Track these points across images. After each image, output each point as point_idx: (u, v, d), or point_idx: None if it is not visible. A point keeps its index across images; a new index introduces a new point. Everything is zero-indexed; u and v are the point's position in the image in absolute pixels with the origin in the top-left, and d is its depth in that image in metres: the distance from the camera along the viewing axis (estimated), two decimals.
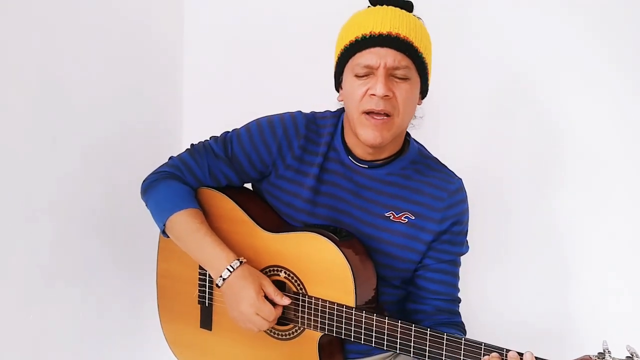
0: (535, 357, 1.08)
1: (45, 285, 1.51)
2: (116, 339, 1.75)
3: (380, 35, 1.20)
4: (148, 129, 1.86)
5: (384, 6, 1.26)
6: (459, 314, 1.38)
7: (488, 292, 1.77)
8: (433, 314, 1.34)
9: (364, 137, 1.26)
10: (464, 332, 1.36)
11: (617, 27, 1.60)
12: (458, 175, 1.38)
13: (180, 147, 1.45)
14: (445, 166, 1.40)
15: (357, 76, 1.24)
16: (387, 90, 1.21)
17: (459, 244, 1.37)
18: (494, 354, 1.10)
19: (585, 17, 1.63)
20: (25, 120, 1.43)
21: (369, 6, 1.29)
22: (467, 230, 1.39)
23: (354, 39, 1.23)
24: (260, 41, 1.92)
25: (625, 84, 1.61)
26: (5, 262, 1.41)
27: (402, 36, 1.21)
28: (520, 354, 1.09)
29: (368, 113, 1.24)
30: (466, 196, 1.37)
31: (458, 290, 1.39)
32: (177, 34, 2.00)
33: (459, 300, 1.39)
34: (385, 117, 1.24)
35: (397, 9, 1.25)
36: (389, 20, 1.22)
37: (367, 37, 1.21)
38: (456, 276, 1.38)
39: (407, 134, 1.38)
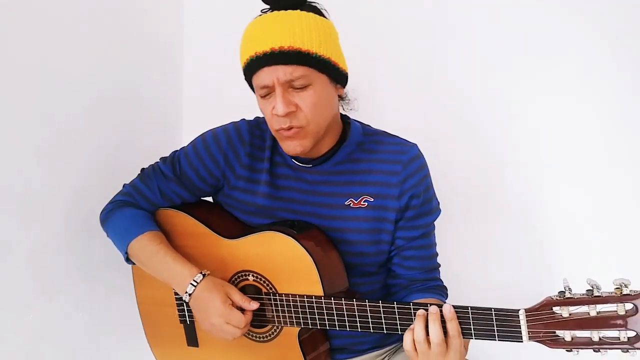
0: (454, 306, 1.09)
1: (43, 287, 1.51)
2: (115, 340, 1.75)
3: (265, 54, 1.17)
4: (148, 129, 1.86)
5: (268, 14, 1.22)
6: (435, 279, 1.36)
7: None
8: (407, 286, 1.34)
9: (286, 150, 1.27)
10: (444, 295, 1.35)
11: (615, 25, 1.57)
12: (411, 142, 1.34)
13: (180, 146, 1.46)
14: (396, 136, 1.36)
15: (260, 96, 1.23)
16: (286, 108, 1.19)
17: (426, 214, 1.33)
18: (420, 311, 1.11)
19: (582, 16, 1.61)
20: (24, 120, 1.44)
21: (262, 10, 1.25)
22: (431, 196, 1.34)
23: (246, 60, 1.21)
24: None
25: (618, 82, 1.59)
26: (5, 262, 1.41)
27: (286, 48, 1.16)
28: (440, 306, 1.10)
29: (278, 130, 1.24)
30: (424, 162, 1.33)
31: (435, 257, 1.37)
32: (177, 34, 2.01)
33: (437, 267, 1.37)
34: (296, 129, 1.22)
35: (281, 12, 1.20)
36: (269, 34, 1.17)
37: (254, 58, 1.19)
38: (431, 246, 1.36)
39: (347, 117, 1.37)
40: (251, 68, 1.21)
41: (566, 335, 1.01)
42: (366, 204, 1.30)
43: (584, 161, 1.63)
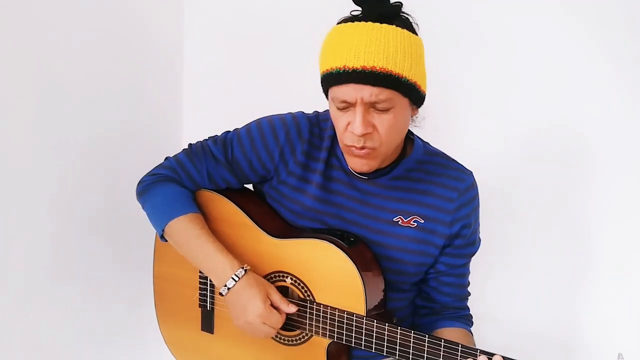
0: (504, 358, 1.09)
1: (45, 285, 1.51)
2: (116, 339, 1.75)
3: (354, 71, 1.10)
4: (148, 128, 1.85)
5: (362, 23, 1.13)
6: (466, 308, 1.38)
7: (491, 299, 1.76)
8: (439, 311, 1.35)
9: (352, 166, 1.23)
10: (470, 324, 1.37)
11: (630, 26, 1.57)
12: (468, 169, 1.33)
13: (180, 147, 1.44)
14: (455, 161, 1.34)
15: (337, 107, 1.17)
16: (365, 129, 1.14)
17: (471, 245, 1.34)
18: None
19: (597, 17, 1.60)
20: (25, 120, 1.43)
21: (351, 12, 1.18)
22: (478, 226, 1.35)
23: (330, 69, 1.14)
24: (261, 40, 1.88)
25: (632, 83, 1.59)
26: (5, 262, 1.40)
27: (378, 69, 1.10)
28: (490, 357, 1.10)
29: (350, 147, 1.19)
30: (477, 192, 1.33)
31: (468, 285, 1.39)
32: (177, 34, 1.98)
33: (468, 295, 1.39)
34: (368, 150, 1.18)
35: (377, 25, 1.13)
36: (363, 50, 1.10)
37: (341, 71, 1.11)
38: (467, 276, 1.38)
39: (410, 133, 1.33)
40: (335, 79, 1.14)
41: None
42: (415, 224, 1.28)
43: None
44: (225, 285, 1.23)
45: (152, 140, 1.85)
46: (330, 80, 1.15)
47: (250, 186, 1.44)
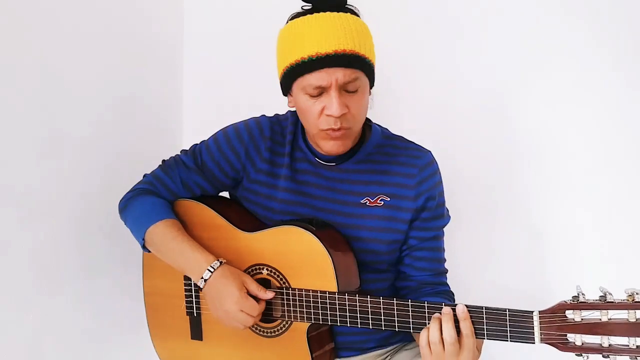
0: (468, 306, 1.12)
1: (44, 285, 1.52)
2: (116, 339, 1.75)
3: (327, 56, 1.20)
4: (148, 129, 1.88)
5: (321, 14, 1.24)
6: (444, 284, 1.40)
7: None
8: (417, 288, 1.38)
9: (327, 149, 1.31)
10: (451, 300, 1.38)
11: (608, 27, 1.64)
12: (426, 149, 1.40)
13: (180, 147, 1.47)
14: (412, 142, 1.42)
15: (309, 95, 1.25)
16: (342, 109, 1.23)
17: (439, 217, 1.39)
18: (435, 314, 1.15)
19: (576, 16, 1.67)
20: (24, 120, 1.45)
21: (303, 7, 1.29)
22: (444, 201, 1.41)
23: (299, 60, 1.23)
24: (261, 40, 1.87)
25: (611, 83, 1.64)
26: (5, 262, 1.42)
27: (348, 51, 1.21)
28: (454, 308, 1.13)
29: (326, 130, 1.28)
30: (437, 168, 1.39)
31: (444, 261, 1.42)
32: (177, 34, 2.03)
33: (445, 272, 1.41)
34: (344, 130, 1.27)
35: (335, 14, 1.24)
36: (332, 36, 1.21)
37: (314, 58, 1.21)
38: (440, 250, 1.41)
39: (368, 120, 1.41)
40: (307, 67, 1.22)
41: (577, 339, 1.04)
42: (382, 203, 1.35)
43: (593, 163, 1.66)
44: (202, 278, 1.29)
45: (152, 140, 1.88)
46: (302, 69, 1.24)
47: (227, 195, 1.52)
